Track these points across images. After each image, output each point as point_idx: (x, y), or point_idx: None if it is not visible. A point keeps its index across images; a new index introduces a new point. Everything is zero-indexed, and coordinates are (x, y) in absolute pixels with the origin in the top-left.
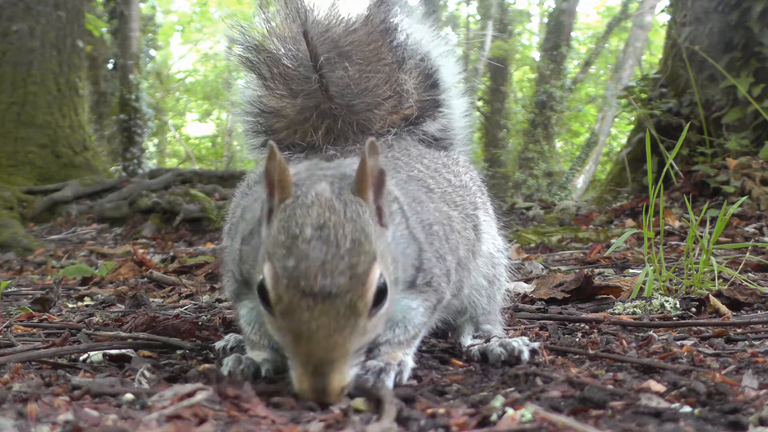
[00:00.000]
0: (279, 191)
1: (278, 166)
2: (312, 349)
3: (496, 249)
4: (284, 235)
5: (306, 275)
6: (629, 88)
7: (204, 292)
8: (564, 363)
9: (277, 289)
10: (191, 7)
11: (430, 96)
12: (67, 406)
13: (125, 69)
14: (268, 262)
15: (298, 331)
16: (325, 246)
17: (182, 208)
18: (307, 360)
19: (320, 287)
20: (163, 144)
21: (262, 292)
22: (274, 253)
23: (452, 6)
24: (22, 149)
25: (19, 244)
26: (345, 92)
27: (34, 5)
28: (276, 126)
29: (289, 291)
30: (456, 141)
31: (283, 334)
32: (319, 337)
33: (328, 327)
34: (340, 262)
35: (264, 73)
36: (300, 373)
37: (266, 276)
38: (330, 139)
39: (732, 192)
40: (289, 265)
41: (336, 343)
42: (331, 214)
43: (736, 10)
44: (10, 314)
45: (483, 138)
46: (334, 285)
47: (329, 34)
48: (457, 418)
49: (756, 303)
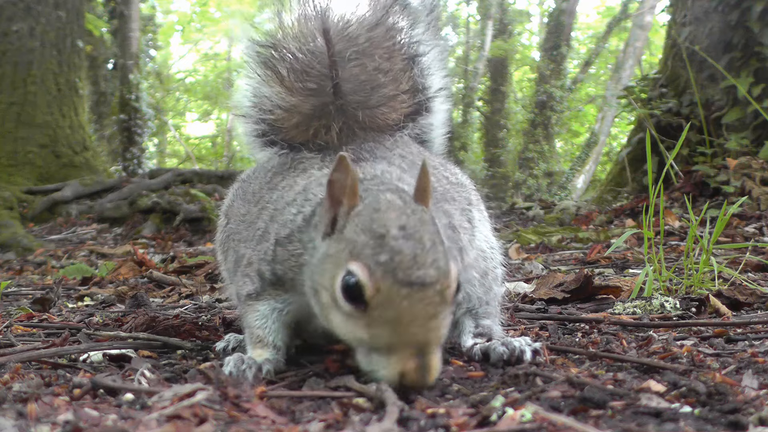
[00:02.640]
0: (349, 198)
1: (351, 176)
2: (413, 333)
3: (489, 246)
4: (368, 236)
5: (402, 267)
6: (629, 88)
7: (204, 292)
8: (564, 363)
9: (374, 282)
10: (191, 7)
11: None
12: (67, 406)
13: (125, 69)
14: (357, 262)
15: (398, 319)
16: (412, 242)
17: (182, 208)
18: (407, 345)
19: (416, 277)
20: (163, 144)
21: (350, 290)
22: (362, 253)
23: (452, 6)
24: (22, 149)
25: (19, 244)
26: (359, 89)
27: (34, 5)
28: (286, 125)
29: (386, 282)
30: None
31: (377, 326)
32: (419, 322)
33: (425, 313)
34: (427, 256)
35: (281, 70)
36: (399, 357)
37: (358, 273)
38: (342, 138)
39: (732, 192)
40: (382, 259)
41: (432, 327)
42: (408, 217)
43: (736, 10)
44: (10, 314)
45: (483, 138)
46: (427, 275)
47: (348, 31)
48: (457, 418)
49: (756, 303)
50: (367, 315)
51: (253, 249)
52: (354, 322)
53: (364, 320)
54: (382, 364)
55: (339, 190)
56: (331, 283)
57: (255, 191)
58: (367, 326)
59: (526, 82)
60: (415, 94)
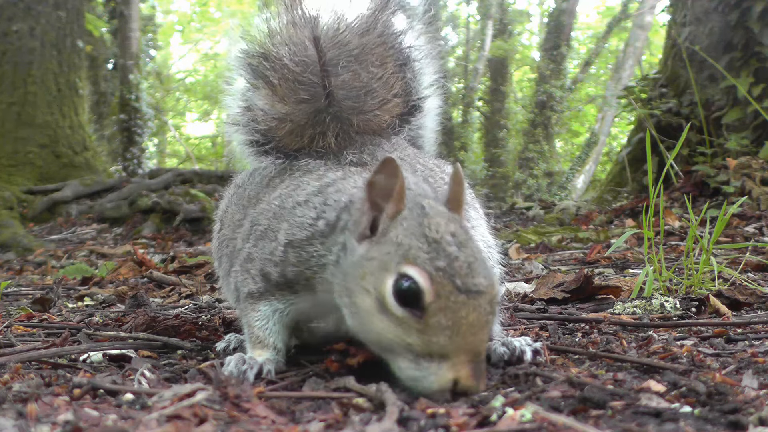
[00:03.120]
0: (397, 202)
1: (400, 180)
2: (469, 341)
3: (486, 245)
4: (422, 241)
5: (460, 274)
6: (629, 88)
7: (204, 292)
8: (564, 363)
9: (435, 288)
10: (191, 7)
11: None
12: (67, 406)
13: (125, 69)
14: (413, 266)
15: (456, 326)
16: (465, 249)
17: (182, 208)
18: (462, 352)
19: (473, 284)
20: (163, 144)
21: (405, 294)
22: (417, 256)
23: (452, 6)
24: (22, 149)
25: (19, 244)
26: (352, 95)
27: (34, 5)
28: (279, 133)
29: (446, 288)
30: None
31: (433, 332)
32: (474, 330)
33: (480, 321)
34: (479, 265)
35: (272, 79)
36: (454, 363)
37: (417, 277)
38: (339, 143)
39: (732, 192)
40: (441, 264)
41: (485, 335)
42: (455, 224)
43: (736, 10)
44: (10, 314)
45: (483, 138)
46: (481, 284)
47: (339, 39)
48: (457, 418)
49: (756, 303)
50: (423, 321)
51: (254, 245)
52: (405, 328)
53: (419, 326)
54: (433, 370)
55: (380, 193)
56: (376, 286)
57: (251, 195)
58: (421, 332)
59: (526, 82)
60: (407, 97)
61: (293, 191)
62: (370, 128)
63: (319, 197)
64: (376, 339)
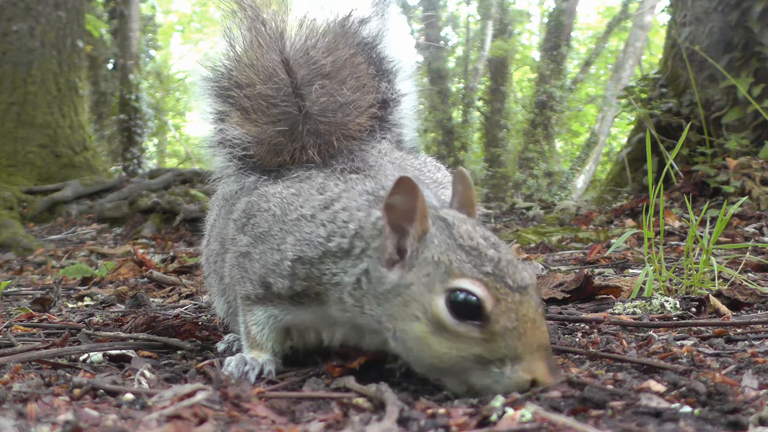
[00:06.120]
0: (421, 224)
1: (420, 201)
2: (536, 337)
3: None
4: (460, 252)
5: (508, 274)
6: (629, 88)
7: (204, 292)
8: (564, 363)
9: (493, 293)
10: (191, 7)
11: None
12: (67, 406)
13: (125, 69)
14: (461, 278)
15: (521, 325)
16: (501, 249)
17: (182, 208)
18: (534, 349)
19: (521, 280)
20: (163, 144)
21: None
22: (461, 268)
23: (452, 6)
24: (22, 149)
25: (19, 244)
26: (328, 109)
27: (34, 5)
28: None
29: (503, 291)
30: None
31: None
32: (537, 324)
33: (538, 314)
34: (516, 261)
35: (243, 104)
36: (529, 363)
37: (472, 288)
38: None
39: (732, 192)
40: (489, 270)
41: (545, 326)
42: (481, 228)
43: (736, 10)
44: (10, 314)
45: (483, 138)
46: (526, 277)
47: (309, 57)
48: (457, 418)
49: (756, 303)
50: (488, 329)
51: (252, 243)
52: (468, 341)
53: (483, 335)
54: (507, 374)
55: (401, 216)
56: (426, 309)
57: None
58: (487, 341)
59: (526, 82)
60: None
61: (295, 198)
62: (350, 135)
63: (326, 213)
64: (436, 362)
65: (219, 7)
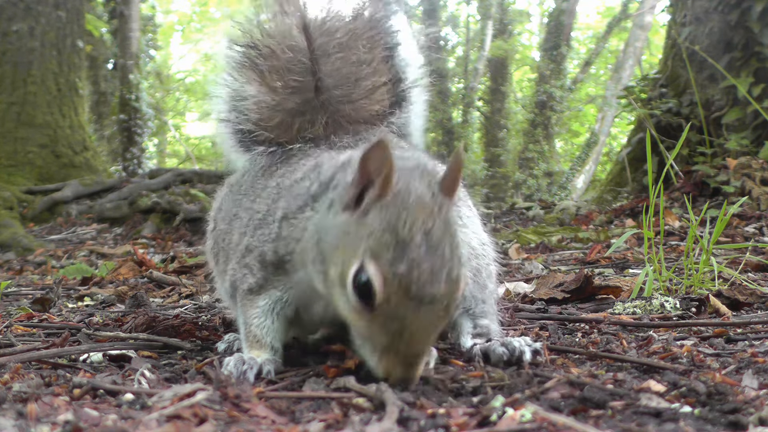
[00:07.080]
0: (382, 186)
1: (388, 161)
2: (408, 345)
3: (480, 243)
4: (391, 236)
5: (417, 282)
6: (629, 88)
7: (204, 292)
8: (564, 363)
9: (387, 292)
10: (191, 7)
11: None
12: (67, 406)
13: (125, 69)
14: (374, 263)
15: (399, 329)
16: (432, 254)
17: (182, 208)
18: (398, 352)
19: (428, 293)
20: (163, 144)
21: (361, 288)
22: (380, 255)
23: (452, 6)
24: (22, 149)
25: (19, 244)
26: (342, 83)
27: (34, 5)
28: (269, 124)
29: (398, 295)
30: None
31: (378, 328)
32: (417, 336)
33: (427, 327)
34: (443, 270)
35: (261, 68)
36: (389, 361)
37: (373, 277)
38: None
39: (732, 192)
40: (400, 270)
41: (429, 339)
42: (434, 219)
43: (736, 10)
44: (10, 314)
45: (483, 138)
46: (438, 292)
47: (327, 25)
48: (457, 418)
49: (756, 303)
50: (371, 315)
51: (252, 235)
52: (357, 314)
53: (368, 317)
54: (372, 357)
55: (373, 169)
56: (341, 266)
57: (247, 188)
58: (369, 323)
59: (526, 82)
60: (395, 85)
61: (291, 173)
62: (359, 117)
63: (315, 170)
64: (339, 307)
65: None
